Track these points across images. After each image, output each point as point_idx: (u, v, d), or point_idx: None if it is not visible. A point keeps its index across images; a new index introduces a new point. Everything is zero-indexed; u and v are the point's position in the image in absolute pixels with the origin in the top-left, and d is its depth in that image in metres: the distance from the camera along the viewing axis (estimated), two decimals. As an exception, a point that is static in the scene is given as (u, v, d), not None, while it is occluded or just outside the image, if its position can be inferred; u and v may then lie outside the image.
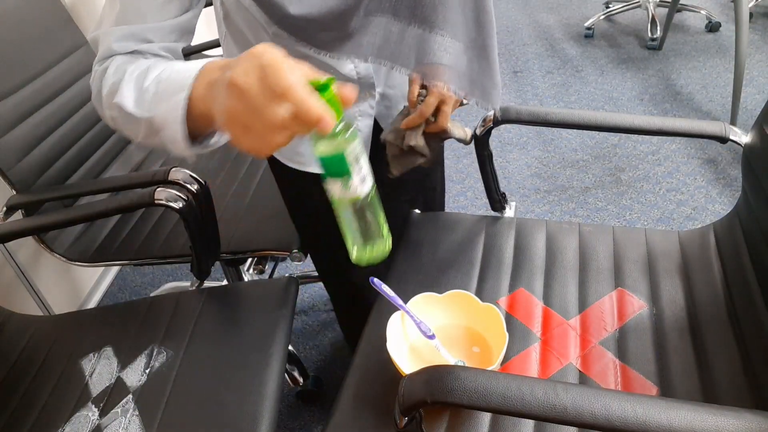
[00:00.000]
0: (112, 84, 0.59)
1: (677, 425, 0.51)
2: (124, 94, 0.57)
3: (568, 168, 2.00)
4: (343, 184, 0.48)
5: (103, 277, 1.76)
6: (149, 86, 0.55)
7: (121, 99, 0.57)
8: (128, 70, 0.59)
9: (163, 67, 0.56)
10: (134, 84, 0.57)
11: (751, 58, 2.50)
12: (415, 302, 0.83)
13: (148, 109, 0.55)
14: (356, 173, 0.48)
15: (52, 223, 1.04)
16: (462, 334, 0.83)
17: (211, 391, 0.81)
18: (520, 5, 3.42)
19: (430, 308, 0.83)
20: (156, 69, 0.57)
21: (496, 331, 0.78)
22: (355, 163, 0.47)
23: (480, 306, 0.81)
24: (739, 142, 0.90)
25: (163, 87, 0.53)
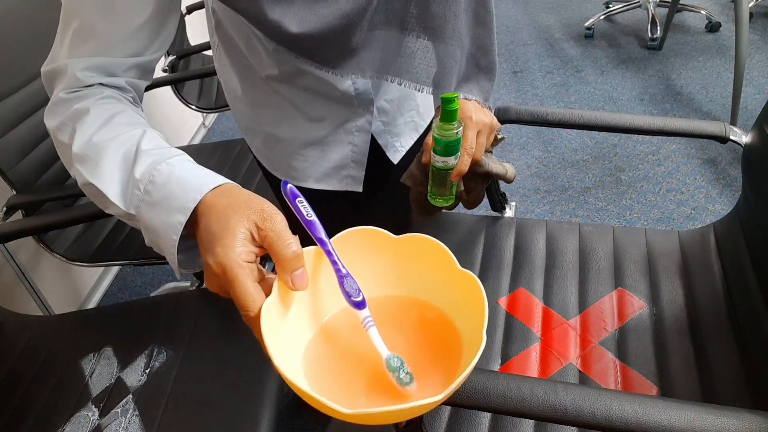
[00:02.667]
0: (88, 150, 0.54)
1: (677, 425, 0.51)
2: (106, 179, 0.52)
3: (568, 168, 2.00)
4: (448, 158, 0.71)
5: (103, 277, 1.76)
6: (140, 181, 0.51)
7: (102, 185, 0.52)
8: (111, 144, 0.53)
9: (155, 158, 0.52)
10: (120, 171, 0.52)
11: (751, 58, 2.50)
12: (347, 240, 0.51)
13: (135, 208, 0.51)
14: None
15: (52, 223, 1.04)
16: (413, 310, 0.52)
17: (211, 391, 0.81)
18: (520, 5, 3.42)
19: (371, 257, 0.51)
20: (147, 155, 0.52)
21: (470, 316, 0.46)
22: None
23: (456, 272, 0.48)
24: (739, 142, 0.90)
25: (157, 196, 0.50)
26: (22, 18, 1.15)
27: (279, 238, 0.45)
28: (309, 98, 0.81)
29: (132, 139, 0.54)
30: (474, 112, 0.74)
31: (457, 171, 0.73)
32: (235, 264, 0.43)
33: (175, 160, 0.52)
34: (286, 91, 0.81)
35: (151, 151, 0.53)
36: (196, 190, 0.49)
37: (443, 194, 0.77)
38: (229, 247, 0.44)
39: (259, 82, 0.81)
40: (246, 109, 0.86)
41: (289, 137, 0.86)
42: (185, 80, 1.73)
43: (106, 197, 0.52)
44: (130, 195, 0.52)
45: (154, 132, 0.57)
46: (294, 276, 0.45)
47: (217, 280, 0.44)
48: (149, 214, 0.51)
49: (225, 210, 0.47)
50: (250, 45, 0.75)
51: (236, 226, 0.45)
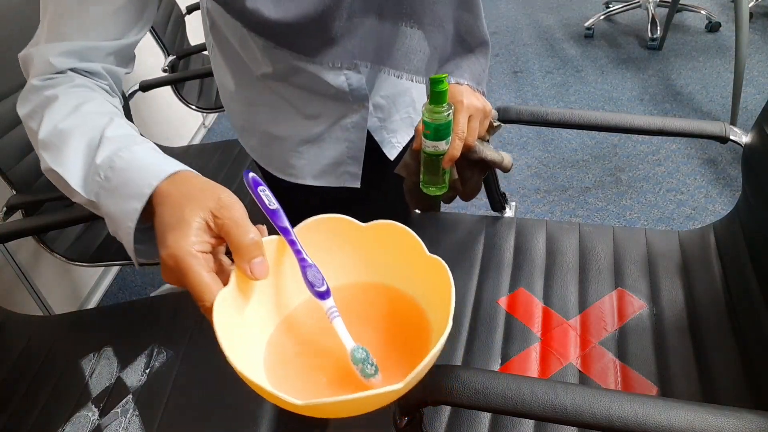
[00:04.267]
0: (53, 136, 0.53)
1: (677, 425, 0.51)
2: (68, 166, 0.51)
3: (568, 168, 2.00)
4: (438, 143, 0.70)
5: (103, 277, 1.76)
6: (101, 167, 0.50)
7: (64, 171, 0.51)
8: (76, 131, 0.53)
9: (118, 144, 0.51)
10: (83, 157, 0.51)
11: (751, 58, 2.50)
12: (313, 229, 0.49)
13: (95, 194, 0.50)
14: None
15: (52, 223, 1.04)
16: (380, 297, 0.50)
17: (211, 391, 0.81)
18: (520, 5, 3.42)
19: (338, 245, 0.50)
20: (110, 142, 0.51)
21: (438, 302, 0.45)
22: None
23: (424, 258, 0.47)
24: (739, 142, 0.90)
25: (116, 182, 0.49)
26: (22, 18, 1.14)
27: (236, 226, 0.44)
28: (304, 96, 0.81)
29: (98, 127, 0.53)
30: (465, 95, 0.73)
31: (449, 156, 0.71)
32: (187, 254, 0.42)
33: (137, 147, 0.51)
34: (281, 89, 0.81)
35: (115, 138, 0.52)
36: (152, 176, 0.47)
37: (436, 182, 0.75)
38: (181, 237, 0.43)
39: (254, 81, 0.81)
40: (241, 108, 0.86)
41: (285, 135, 0.86)
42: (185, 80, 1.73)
43: (68, 184, 0.51)
44: (91, 181, 0.50)
45: (123, 120, 0.56)
46: (252, 264, 0.43)
47: (171, 272, 0.43)
48: (108, 201, 0.49)
49: (180, 199, 0.45)
50: (244, 44, 0.75)
51: (190, 215, 0.44)
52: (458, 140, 0.71)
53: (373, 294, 0.50)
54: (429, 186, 0.76)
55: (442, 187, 0.76)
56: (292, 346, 0.46)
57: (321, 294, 0.45)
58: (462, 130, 0.71)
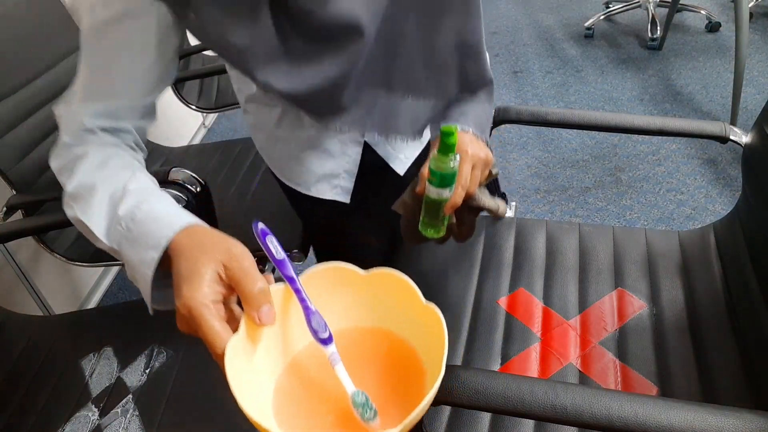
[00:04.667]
0: (80, 189, 0.58)
1: (677, 425, 0.51)
2: (93, 216, 0.56)
3: (568, 168, 2.00)
4: (442, 190, 0.71)
5: (103, 277, 1.76)
6: (123, 218, 0.54)
7: (89, 221, 0.56)
8: (101, 185, 0.57)
9: (139, 197, 0.55)
10: (107, 209, 0.56)
11: (751, 58, 2.50)
12: (316, 277, 0.51)
13: (117, 243, 0.54)
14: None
15: (52, 223, 1.04)
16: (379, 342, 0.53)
17: (211, 391, 0.81)
18: (520, 5, 3.42)
19: (340, 291, 0.52)
20: (131, 195, 0.55)
21: (432, 348, 0.47)
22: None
23: (419, 306, 0.49)
24: (739, 142, 0.90)
25: (136, 233, 0.53)
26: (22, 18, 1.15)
27: (245, 276, 0.46)
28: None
29: (121, 181, 0.57)
30: (470, 145, 0.74)
31: (451, 203, 0.73)
32: (200, 304, 0.45)
33: (155, 200, 0.55)
34: None
35: (136, 191, 0.56)
36: (168, 228, 0.51)
37: (435, 225, 0.77)
38: (194, 288, 0.45)
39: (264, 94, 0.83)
40: (254, 107, 0.88)
41: (287, 137, 0.87)
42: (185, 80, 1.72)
43: (93, 233, 0.55)
44: (114, 231, 0.54)
45: (144, 174, 0.60)
46: (261, 312, 0.46)
47: (186, 321, 0.46)
48: (129, 250, 0.53)
49: (194, 252, 0.48)
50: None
51: (203, 267, 0.46)
52: (461, 189, 0.73)
53: (372, 338, 0.53)
54: (428, 228, 0.78)
55: (439, 230, 0.77)
56: (298, 390, 0.49)
57: (324, 340, 0.48)
58: (466, 179, 0.73)
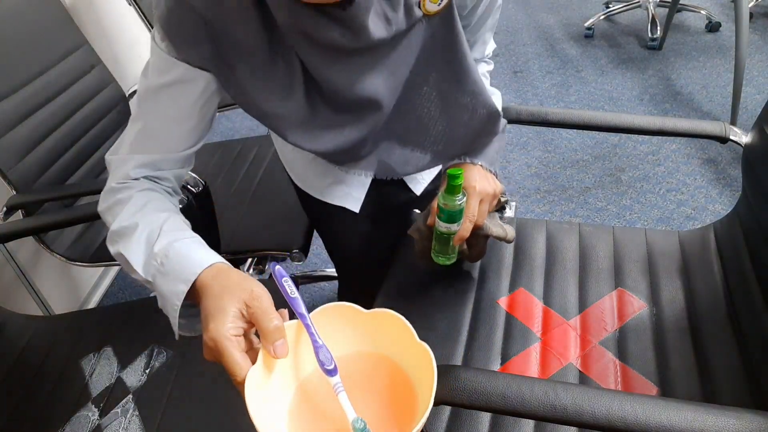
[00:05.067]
0: (123, 228, 0.65)
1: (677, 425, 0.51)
2: (133, 251, 0.63)
3: (568, 168, 2.00)
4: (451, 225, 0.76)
5: (103, 277, 1.76)
6: (158, 254, 0.61)
7: (129, 255, 0.63)
8: (141, 224, 0.64)
9: (172, 237, 0.62)
10: (144, 245, 0.63)
11: (751, 58, 2.50)
12: (323, 313, 0.59)
13: (152, 276, 0.61)
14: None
15: (52, 223, 1.04)
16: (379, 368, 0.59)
17: (211, 391, 0.81)
18: (520, 5, 3.42)
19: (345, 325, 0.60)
20: (166, 235, 0.63)
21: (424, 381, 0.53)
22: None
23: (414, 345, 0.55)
24: (739, 142, 0.90)
25: (169, 268, 0.60)
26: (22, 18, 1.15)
27: (264, 314, 0.53)
28: None
29: (157, 221, 0.65)
30: (479, 181, 0.79)
31: (459, 236, 0.78)
32: (224, 338, 0.51)
33: (187, 240, 0.62)
34: None
35: (170, 232, 0.63)
36: (197, 265, 0.58)
37: (446, 253, 0.83)
38: (220, 323, 0.52)
39: None
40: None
41: None
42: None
43: (132, 266, 0.62)
44: (149, 265, 0.61)
45: (178, 217, 0.68)
46: (275, 346, 0.53)
47: (211, 351, 0.52)
48: (161, 282, 0.60)
49: (220, 291, 0.55)
50: None
51: (227, 305, 0.53)
52: (468, 222, 0.78)
53: (372, 363, 0.59)
54: (439, 256, 0.84)
55: (451, 258, 0.84)
56: (307, 413, 0.56)
57: (329, 371, 0.54)
58: (473, 213, 0.78)
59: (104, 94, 1.31)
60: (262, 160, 1.40)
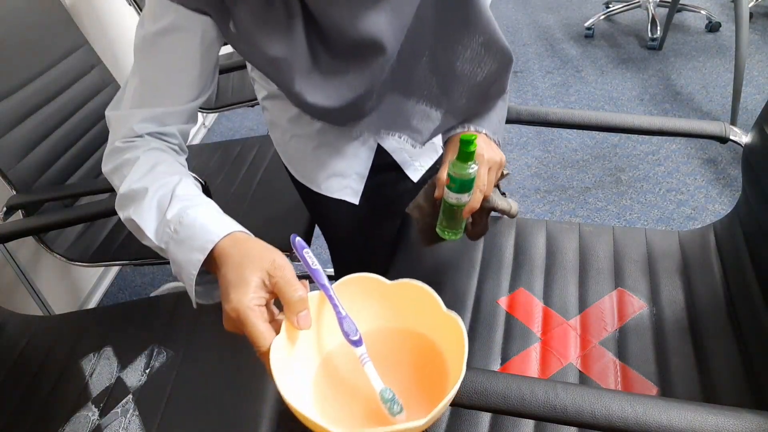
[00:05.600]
0: (132, 192, 0.63)
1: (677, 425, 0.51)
2: (144, 217, 0.61)
3: (568, 168, 2.00)
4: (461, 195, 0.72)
5: (103, 277, 1.76)
6: (171, 221, 0.59)
7: (141, 221, 0.61)
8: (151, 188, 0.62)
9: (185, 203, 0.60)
10: (156, 211, 0.61)
11: (751, 58, 2.50)
12: (346, 285, 0.57)
13: (165, 243, 0.60)
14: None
15: (52, 223, 1.04)
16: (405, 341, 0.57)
17: (211, 391, 0.81)
18: (520, 5, 3.42)
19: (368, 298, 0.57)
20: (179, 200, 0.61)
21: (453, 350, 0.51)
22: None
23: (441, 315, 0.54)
24: (739, 142, 0.90)
25: (183, 235, 0.58)
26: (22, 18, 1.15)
27: (287, 285, 0.52)
28: None
29: (168, 185, 0.63)
30: (486, 149, 0.76)
31: (469, 208, 0.74)
32: (247, 308, 0.50)
33: (201, 207, 0.61)
34: None
35: (183, 197, 0.62)
36: (213, 233, 0.57)
37: (453, 228, 0.79)
38: (242, 294, 0.51)
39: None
40: (273, 103, 0.91)
41: (303, 134, 0.89)
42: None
43: (143, 232, 0.61)
44: (162, 232, 0.60)
45: (190, 180, 0.66)
46: (299, 317, 0.52)
47: (233, 322, 0.51)
48: (176, 249, 0.58)
49: (240, 260, 0.54)
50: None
51: (250, 275, 0.52)
52: (479, 193, 0.74)
53: (398, 338, 0.57)
54: (446, 231, 0.80)
55: (458, 233, 0.80)
56: (331, 385, 0.54)
57: (355, 342, 0.53)
58: (484, 183, 0.75)
59: (104, 94, 1.31)
60: (262, 160, 1.40)
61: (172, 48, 0.66)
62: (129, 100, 0.69)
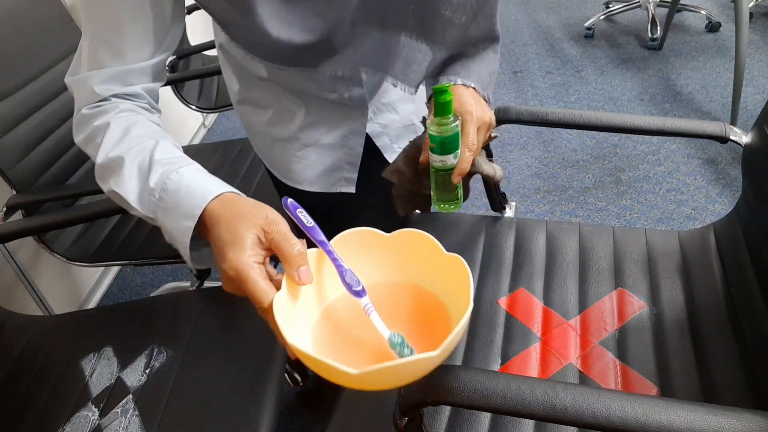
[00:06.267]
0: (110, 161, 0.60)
1: (678, 425, 0.51)
2: (126, 187, 0.59)
3: (568, 168, 2.00)
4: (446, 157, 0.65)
5: (103, 277, 1.76)
6: (155, 189, 0.57)
7: (124, 192, 0.59)
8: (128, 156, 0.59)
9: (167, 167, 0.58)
10: (137, 180, 0.59)
11: (751, 58, 2.50)
12: (344, 240, 0.56)
13: (153, 212, 0.58)
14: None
15: (52, 223, 1.04)
16: (407, 295, 0.57)
17: (211, 391, 0.81)
18: (520, 5, 3.42)
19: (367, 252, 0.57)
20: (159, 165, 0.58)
21: (457, 293, 0.51)
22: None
23: (443, 257, 0.54)
24: (739, 142, 0.90)
25: (170, 202, 0.56)
26: (22, 18, 1.15)
27: (284, 240, 0.51)
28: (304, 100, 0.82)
29: (145, 150, 0.60)
30: (474, 106, 0.70)
31: (459, 171, 0.69)
32: (246, 266, 0.49)
33: (184, 169, 0.58)
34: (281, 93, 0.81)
35: (163, 161, 0.59)
36: (200, 198, 0.55)
37: (448, 198, 0.72)
38: (239, 251, 0.49)
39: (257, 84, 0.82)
40: (246, 109, 0.87)
41: (284, 138, 0.86)
42: (185, 80, 1.73)
43: (128, 202, 0.59)
44: (147, 201, 0.58)
45: (167, 140, 0.63)
46: (300, 272, 0.50)
47: (232, 281, 0.50)
48: (165, 218, 0.57)
49: (232, 219, 0.52)
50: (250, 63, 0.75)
51: (245, 232, 0.51)
52: (468, 152, 0.68)
53: (399, 291, 0.57)
54: (442, 203, 0.73)
55: (455, 202, 0.72)
56: (332, 336, 0.54)
57: (358, 293, 0.52)
58: (472, 142, 0.69)
59: (104, 94, 1.31)
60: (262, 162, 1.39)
61: (116, 1, 0.62)
62: (85, 61, 0.65)
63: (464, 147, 0.68)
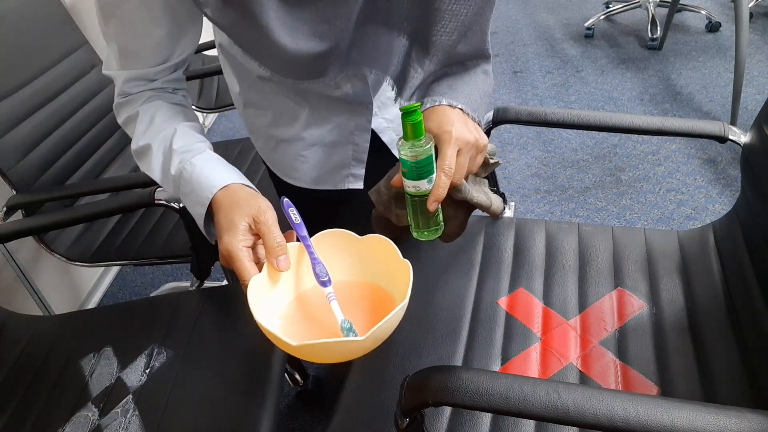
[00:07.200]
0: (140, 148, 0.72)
1: (679, 425, 0.51)
2: (155, 173, 0.71)
3: (568, 168, 2.00)
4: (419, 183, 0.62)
5: (103, 277, 1.76)
6: (175, 176, 0.68)
7: (154, 177, 0.72)
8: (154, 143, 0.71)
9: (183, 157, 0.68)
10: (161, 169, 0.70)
11: (751, 58, 2.50)
12: (323, 238, 0.66)
13: (174, 191, 0.70)
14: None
15: (52, 223, 1.04)
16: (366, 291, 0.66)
17: (211, 391, 0.81)
18: (520, 5, 3.42)
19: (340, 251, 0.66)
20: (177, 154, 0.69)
21: (405, 293, 0.57)
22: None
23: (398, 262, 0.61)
24: (738, 142, 0.90)
25: (187, 189, 0.67)
26: (22, 18, 1.15)
27: (269, 231, 0.60)
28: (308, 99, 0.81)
29: (167, 138, 0.70)
30: (455, 125, 0.63)
31: (434, 197, 0.62)
32: (236, 248, 0.59)
33: (196, 159, 0.68)
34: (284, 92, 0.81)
35: (180, 150, 0.69)
36: (208, 189, 0.65)
37: (427, 226, 0.66)
38: (232, 236, 0.60)
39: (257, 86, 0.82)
40: (249, 111, 0.87)
41: (288, 138, 0.86)
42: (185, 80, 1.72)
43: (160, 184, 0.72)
44: (171, 186, 0.70)
45: (185, 126, 0.72)
46: (278, 260, 0.60)
47: (224, 259, 0.61)
48: (185, 201, 0.69)
49: (231, 207, 0.62)
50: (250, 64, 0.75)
51: (238, 220, 0.60)
52: (444, 177, 0.61)
53: (361, 288, 0.67)
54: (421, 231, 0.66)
55: (436, 230, 0.66)
56: (300, 317, 0.64)
57: (324, 282, 0.63)
58: (449, 165, 0.61)
59: (104, 94, 1.31)
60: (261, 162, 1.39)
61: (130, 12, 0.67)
62: (113, 60, 0.73)
63: (440, 171, 0.61)
